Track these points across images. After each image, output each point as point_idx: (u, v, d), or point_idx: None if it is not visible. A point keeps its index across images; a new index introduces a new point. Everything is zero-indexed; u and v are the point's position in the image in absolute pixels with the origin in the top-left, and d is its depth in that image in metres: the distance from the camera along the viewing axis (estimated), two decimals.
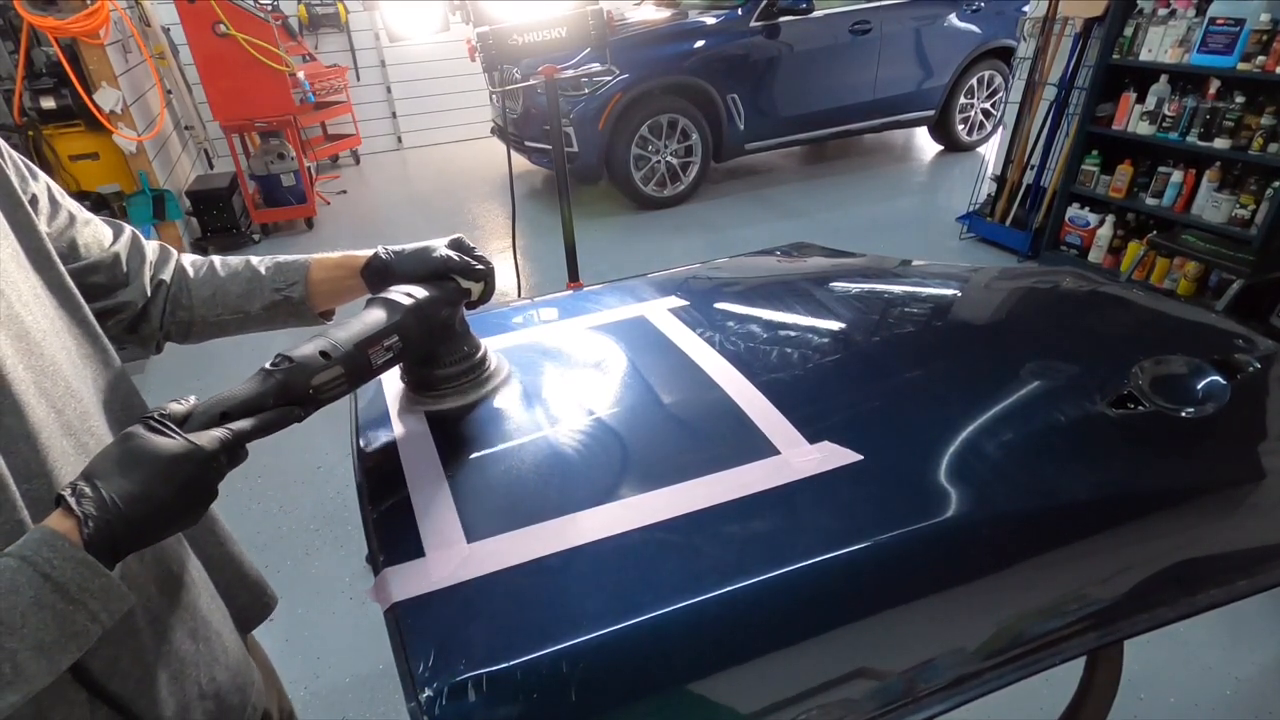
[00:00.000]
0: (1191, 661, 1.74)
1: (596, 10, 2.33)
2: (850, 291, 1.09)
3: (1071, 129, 3.64)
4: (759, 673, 0.57)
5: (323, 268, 0.83)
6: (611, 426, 0.81)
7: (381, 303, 0.74)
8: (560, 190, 2.61)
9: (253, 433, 0.59)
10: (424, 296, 0.76)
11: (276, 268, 0.83)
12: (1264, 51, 2.82)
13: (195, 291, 0.81)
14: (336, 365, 0.66)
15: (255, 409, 0.60)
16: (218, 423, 0.57)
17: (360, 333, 0.69)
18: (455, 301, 0.80)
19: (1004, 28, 5.31)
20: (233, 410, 0.59)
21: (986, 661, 0.61)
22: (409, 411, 0.85)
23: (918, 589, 0.62)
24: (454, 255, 0.80)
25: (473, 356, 0.85)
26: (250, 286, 0.82)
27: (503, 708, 0.52)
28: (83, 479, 0.50)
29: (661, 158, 4.80)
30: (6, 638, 0.44)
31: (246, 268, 0.83)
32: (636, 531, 0.65)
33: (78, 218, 0.72)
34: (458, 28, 6.67)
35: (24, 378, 0.55)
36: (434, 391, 0.85)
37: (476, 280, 0.81)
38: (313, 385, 0.64)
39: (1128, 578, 0.68)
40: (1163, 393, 0.81)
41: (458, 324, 0.83)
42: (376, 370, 0.71)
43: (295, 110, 4.60)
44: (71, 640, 0.48)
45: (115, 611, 0.50)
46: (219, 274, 0.82)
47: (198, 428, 0.56)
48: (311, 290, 0.83)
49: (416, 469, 0.74)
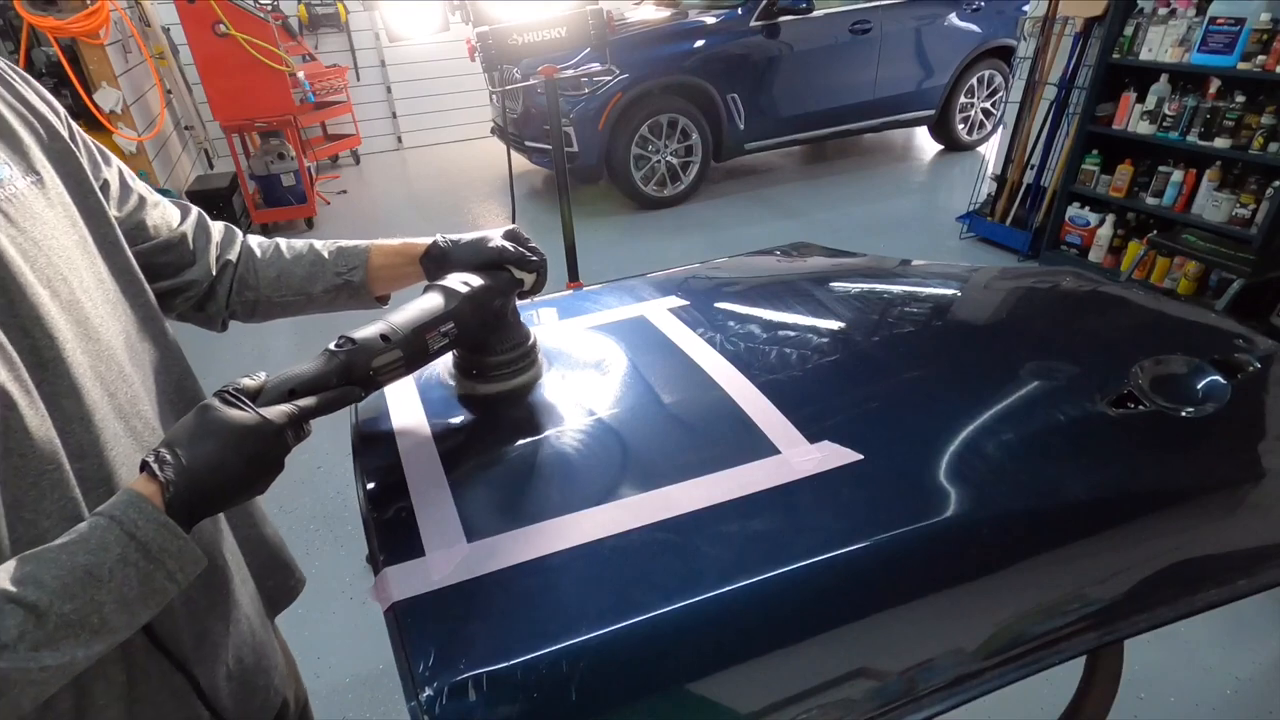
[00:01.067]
0: (1191, 661, 1.74)
1: (596, 10, 2.34)
2: (850, 291, 1.09)
3: (1071, 128, 3.64)
4: (759, 672, 0.57)
5: (382, 254, 0.85)
6: (611, 426, 0.81)
7: (439, 290, 0.76)
8: (560, 190, 2.61)
9: (316, 410, 0.61)
10: (479, 285, 0.78)
11: (339, 252, 0.85)
12: (1264, 51, 2.82)
13: (262, 272, 0.83)
14: (396, 348, 0.68)
15: (319, 387, 0.63)
16: (286, 399, 0.60)
17: (418, 318, 0.72)
18: (508, 291, 0.82)
19: (1004, 27, 5.31)
20: (299, 388, 0.61)
21: (986, 661, 0.61)
22: (459, 396, 0.87)
23: (918, 588, 0.62)
24: (509, 246, 0.82)
25: (523, 345, 0.87)
26: (313, 269, 0.84)
27: (503, 707, 0.52)
28: (164, 446, 0.54)
29: (661, 157, 4.80)
30: (96, 590, 0.48)
31: (310, 251, 0.85)
32: (637, 531, 0.65)
33: (147, 200, 0.75)
34: (458, 28, 6.67)
35: (82, 362, 0.58)
36: (485, 377, 0.86)
37: (530, 271, 0.82)
38: (373, 367, 0.67)
39: (1128, 577, 0.68)
40: (1163, 392, 0.81)
41: (510, 313, 0.84)
42: (433, 355, 0.73)
43: (295, 110, 4.60)
44: (151, 596, 0.51)
45: (190, 572, 0.53)
46: (284, 256, 0.84)
47: (267, 403, 0.59)
48: (371, 275, 0.85)
49: (416, 469, 0.74)
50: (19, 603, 0.45)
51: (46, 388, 0.55)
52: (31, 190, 0.58)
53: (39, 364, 0.54)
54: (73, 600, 0.47)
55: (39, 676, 0.46)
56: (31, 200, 0.58)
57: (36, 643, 0.45)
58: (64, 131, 0.66)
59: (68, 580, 0.47)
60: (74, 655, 0.47)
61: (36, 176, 0.60)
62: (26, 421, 0.52)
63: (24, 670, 0.45)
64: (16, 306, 0.53)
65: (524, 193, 5.56)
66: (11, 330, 0.53)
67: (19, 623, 0.45)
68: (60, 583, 0.47)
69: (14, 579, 0.46)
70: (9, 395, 0.51)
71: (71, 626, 0.47)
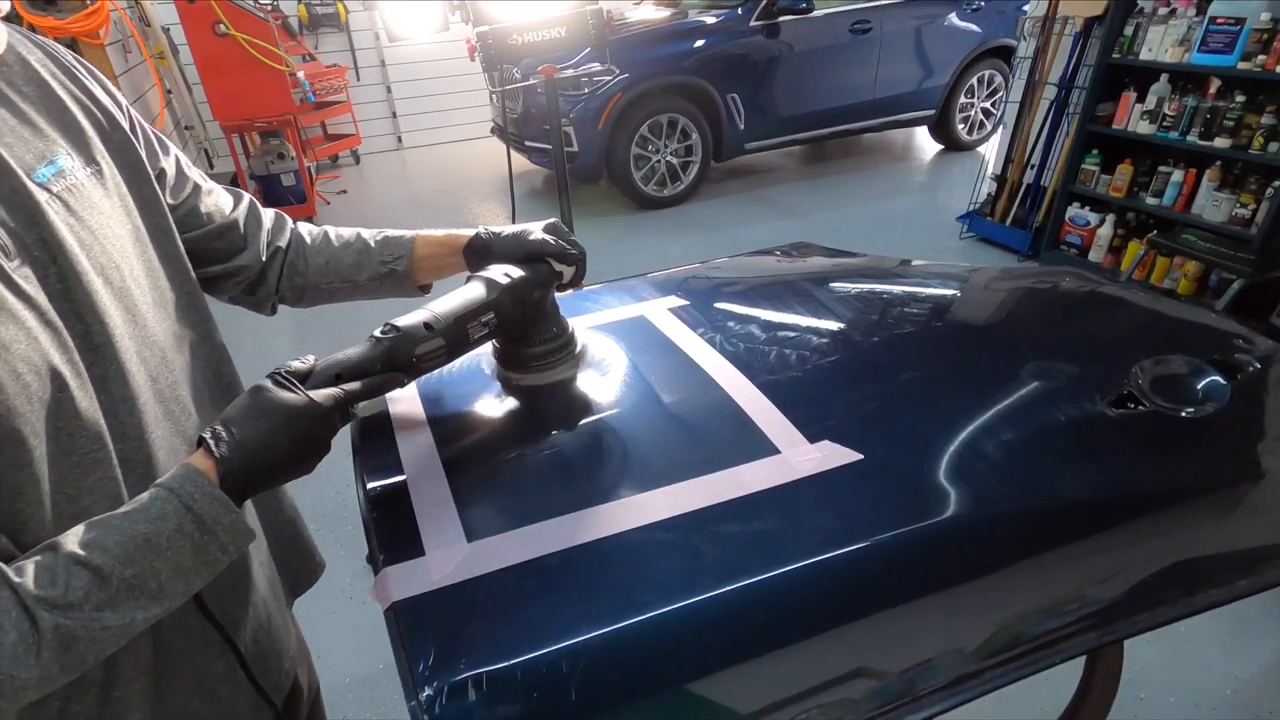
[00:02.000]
0: (1192, 661, 1.74)
1: (596, 10, 2.34)
2: (850, 291, 1.09)
3: (1072, 128, 3.63)
4: (759, 672, 0.57)
5: (427, 244, 0.87)
6: (611, 426, 0.81)
7: (481, 280, 0.78)
8: (560, 190, 2.61)
9: (361, 394, 0.64)
10: (519, 277, 0.79)
11: (385, 241, 0.87)
12: (1264, 50, 2.82)
13: (311, 259, 0.86)
14: (438, 337, 0.70)
15: (365, 372, 0.65)
16: (333, 383, 0.63)
17: (461, 307, 0.74)
18: (548, 283, 0.83)
19: (1004, 27, 5.31)
20: (345, 372, 0.64)
21: (986, 661, 0.61)
22: (497, 386, 0.88)
23: (918, 588, 0.62)
24: (549, 239, 0.83)
25: (560, 337, 0.88)
26: (360, 258, 0.86)
27: (503, 707, 0.52)
28: (220, 424, 0.56)
29: (661, 157, 4.80)
30: (155, 557, 0.51)
31: (358, 240, 0.87)
32: (637, 531, 0.65)
33: (202, 187, 0.78)
34: (457, 28, 6.67)
35: (129, 347, 0.61)
36: (523, 368, 0.87)
37: (569, 264, 0.84)
38: (416, 354, 0.69)
39: (1127, 577, 0.68)
40: (1163, 393, 0.81)
41: (549, 305, 0.86)
42: (473, 344, 0.75)
43: (295, 110, 4.60)
44: (204, 566, 0.54)
45: (240, 545, 0.56)
46: (333, 244, 0.87)
47: (316, 386, 0.62)
48: (415, 265, 0.87)
49: (416, 468, 0.74)
50: (85, 565, 0.48)
51: (96, 370, 0.57)
52: (90, 180, 0.61)
53: (90, 348, 0.57)
54: (133, 565, 0.50)
55: (101, 635, 0.49)
56: (90, 190, 0.60)
57: (100, 603, 0.48)
58: (125, 123, 0.68)
59: (129, 547, 0.50)
60: (133, 617, 0.50)
61: (96, 167, 0.62)
62: (77, 402, 0.54)
63: (88, 628, 0.48)
64: (72, 292, 0.56)
65: (524, 193, 5.56)
66: (66, 315, 0.55)
67: (85, 584, 0.48)
68: (122, 549, 0.50)
69: (81, 543, 0.49)
70: (62, 376, 0.53)
71: (131, 590, 0.50)
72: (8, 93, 0.58)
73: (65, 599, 0.47)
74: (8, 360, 0.49)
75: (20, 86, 0.59)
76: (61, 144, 0.60)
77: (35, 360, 0.51)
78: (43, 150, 0.58)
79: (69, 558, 0.48)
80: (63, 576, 0.47)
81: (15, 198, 0.54)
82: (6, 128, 0.56)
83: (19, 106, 0.58)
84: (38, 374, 0.51)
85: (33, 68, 0.61)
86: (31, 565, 0.48)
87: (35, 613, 0.46)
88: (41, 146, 0.58)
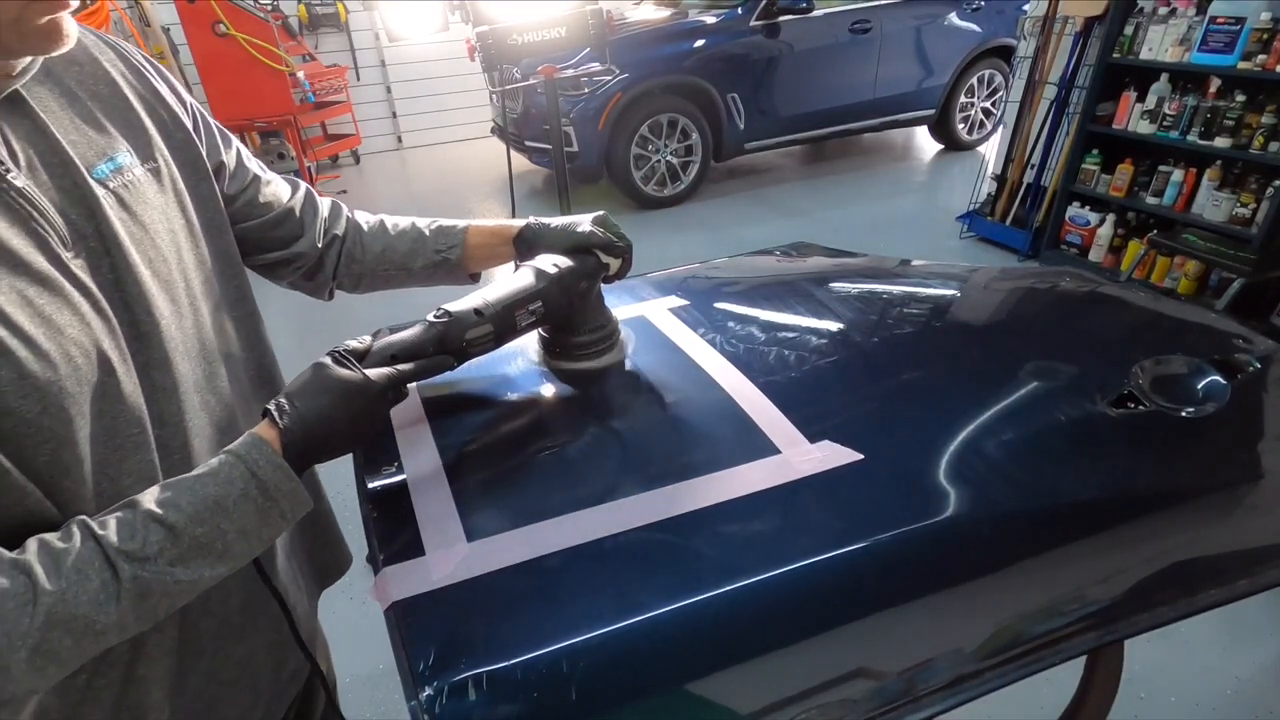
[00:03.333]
0: (1192, 661, 1.74)
1: (596, 10, 2.34)
2: (850, 291, 1.09)
3: (1072, 128, 3.63)
4: (759, 672, 0.57)
5: (479, 234, 0.90)
6: (612, 425, 0.81)
7: (530, 269, 0.80)
8: (560, 190, 2.61)
9: (413, 375, 0.67)
10: (567, 267, 0.81)
11: (439, 230, 0.90)
12: (1264, 50, 2.82)
13: (368, 247, 0.89)
14: (488, 323, 0.73)
15: (418, 354, 0.68)
16: (388, 363, 0.66)
17: (510, 295, 0.76)
18: (594, 275, 0.85)
19: (1004, 27, 5.30)
20: (400, 354, 0.67)
21: (986, 661, 0.61)
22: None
23: (918, 588, 0.62)
24: (597, 231, 0.85)
25: (605, 328, 0.90)
26: (415, 246, 0.89)
27: (503, 706, 0.52)
28: (284, 397, 0.60)
29: (661, 157, 4.80)
30: (222, 518, 0.54)
31: (413, 228, 0.90)
32: (637, 530, 0.65)
33: (261, 178, 0.81)
34: (457, 27, 6.67)
35: (175, 337, 0.63)
36: (567, 356, 0.89)
37: (616, 256, 0.86)
38: (466, 338, 0.71)
39: (1127, 577, 0.68)
40: (1163, 392, 0.81)
41: (594, 297, 0.87)
42: (520, 331, 0.77)
43: (295, 110, 4.61)
44: (265, 529, 0.57)
45: (299, 512, 0.59)
46: (389, 232, 0.90)
47: (372, 365, 0.65)
48: (466, 254, 0.90)
49: (416, 468, 0.74)
50: (161, 522, 0.52)
51: (140, 358, 0.60)
52: (147, 177, 0.64)
53: (136, 336, 0.60)
54: (203, 525, 0.53)
55: (173, 589, 0.52)
56: (145, 187, 0.63)
57: (173, 559, 0.52)
58: (188, 121, 0.71)
59: (200, 507, 0.54)
60: (201, 574, 0.54)
61: (154, 164, 0.65)
62: (122, 387, 0.57)
63: (161, 581, 0.51)
64: (123, 283, 0.59)
65: (524, 193, 5.56)
66: (116, 304, 0.58)
67: (160, 539, 0.52)
68: (194, 509, 0.53)
69: (157, 501, 0.53)
70: (110, 361, 0.56)
71: (201, 548, 0.53)
72: (77, 92, 0.61)
73: (143, 552, 0.51)
74: (61, 343, 0.52)
75: (90, 86, 0.63)
76: (123, 142, 0.63)
77: (86, 344, 0.54)
78: (104, 147, 0.61)
79: (146, 514, 0.52)
80: (140, 531, 0.51)
81: (77, 191, 0.57)
82: (73, 125, 0.60)
83: (87, 105, 0.62)
84: (88, 357, 0.54)
85: (104, 68, 0.65)
86: (113, 520, 0.51)
87: (116, 563, 0.49)
88: (104, 144, 0.61)
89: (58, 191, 0.56)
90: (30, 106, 0.57)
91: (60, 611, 0.47)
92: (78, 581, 0.48)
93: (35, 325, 0.51)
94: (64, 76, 0.61)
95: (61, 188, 0.56)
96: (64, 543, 0.50)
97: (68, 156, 0.57)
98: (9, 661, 0.46)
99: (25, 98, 0.56)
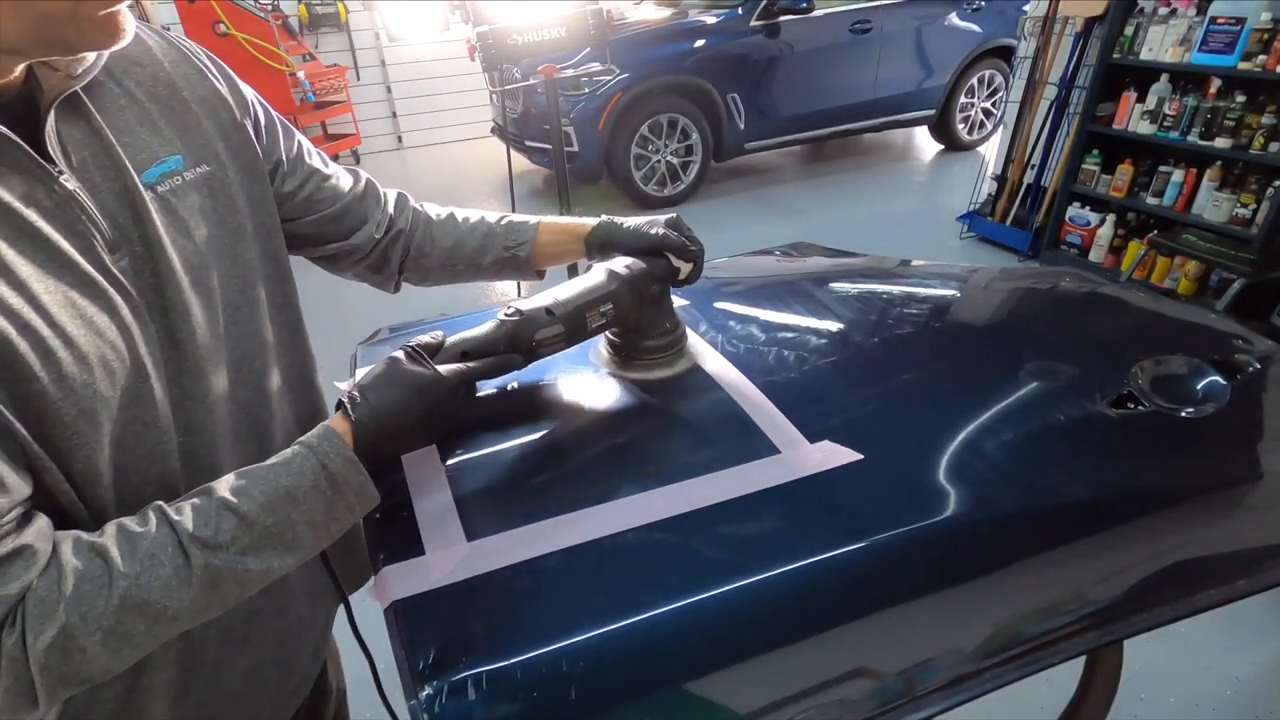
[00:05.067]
0: (1191, 661, 1.74)
1: (596, 10, 2.33)
2: (850, 291, 1.09)
3: (1072, 128, 3.63)
4: (758, 671, 0.57)
5: (550, 231, 0.89)
6: (612, 425, 0.81)
7: (603, 270, 0.79)
8: (560, 190, 2.61)
9: (484, 372, 0.67)
10: (640, 269, 0.80)
11: (509, 226, 0.89)
12: (1265, 50, 2.82)
13: (438, 241, 0.87)
14: (558, 323, 0.72)
15: (488, 352, 0.68)
16: (459, 359, 0.66)
17: (581, 295, 0.75)
18: (666, 278, 0.83)
19: (1004, 27, 5.30)
20: (471, 350, 0.67)
21: (986, 661, 0.61)
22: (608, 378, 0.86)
23: (917, 588, 0.62)
24: (671, 234, 0.83)
25: (673, 333, 0.87)
26: (486, 241, 0.88)
27: (503, 706, 0.52)
28: (357, 390, 0.60)
29: (661, 157, 4.80)
30: (293, 509, 0.55)
31: (483, 223, 0.89)
32: (637, 530, 0.65)
33: (321, 171, 0.80)
34: (457, 27, 6.67)
35: (210, 345, 0.62)
36: (634, 361, 0.87)
37: (688, 260, 0.84)
38: (536, 338, 0.71)
39: (1127, 577, 0.68)
40: (1162, 393, 0.81)
41: (665, 300, 0.86)
42: (591, 332, 0.76)
43: (295, 110, 4.61)
44: (334, 523, 0.57)
45: (366, 506, 0.59)
46: (460, 226, 0.88)
47: (444, 361, 0.65)
48: (536, 251, 0.88)
49: (416, 467, 0.74)
50: (234, 511, 0.52)
51: (173, 365, 0.59)
52: (198, 181, 0.63)
53: (171, 343, 0.59)
54: (274, 514, 0.54)
55: (244, 577, 0.53)
56: (193, 191, 0.62)
57: (244, 547, 0.52)
58: (248, 123, 0.70)
59: (272, 497, 0.54)
60: (269, 564, 0.54)
61: (208, 168, 0.64)
62: (155, 394, 0.57)
63: (232, 569, 0.52)
64: (164, 288, 0.58)
65: (524, 192, 5.56)
66: (154, 309, 0.58)
67: (232, 527, 0.52)
68: (266, 498, 0.54)
69: (231, 489, 0.53)
70: (145, 367, 0.56)
71: (270, 538, 0.54)
72: (135, 93, 0.60)
73: (215, 539, 0.51)
74: (99, 346, 0.52)
75: (149, 87, 0.62)
76: (177, 144, 0.62)
77: (122, 349, 0.54)
78: (157, 150, 0.60)
79: (220, 502, 0.52)
80: (213, 519, 0.52)
81: (126, 195, 0.56)
82: (128, 127, 0.59)
83: (144, 106, 0.61)
84: (123, 362, 0.54)
85: (165, 69, 0.63)
86: (189, 506, 0.52)
87: (189, 550, 0.50)
88: (157, 146, 0.60)
89: (108, 194, 0.56)
90: (88, 108, 0.56)
91: (134, 595, 0.48)
92: (151, 566, 0.49)
93: (77, 327, 0.51)
94: (124, 77, 0.60)
95: (112, 190, 0.56)
96: (141, 527, 0.50)
97: (120, 159, 0.56)
98: (85, 643, 0.47)
99: (84, 99, 0.56)
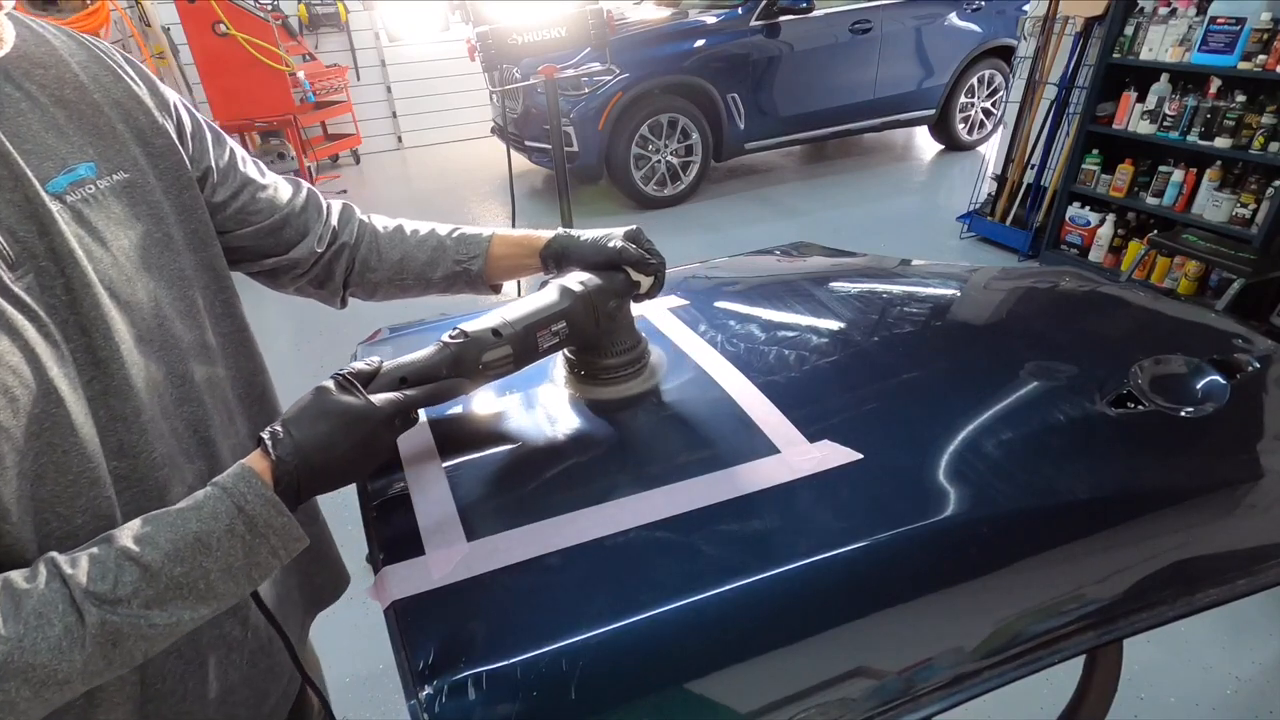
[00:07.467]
0: (1191, 661, 1.74)
1: (596, 10, 2.33)
2: (850, 291, 1.09)
3: (1072, 128, 3.63)
4: (758, 671, 0.57)
5: (504, 244, 0.85)
6: (611, 425, 0.81)
7: (555, 287, 0.76)
8: (560, 190, 2.61)
9: (424, 400, 0.63)
10: (595, 285, 0.77)
11: (461, 239, 0.85)
12: (1265, 50, 2.81)
13: (385, 254, 0.84)
14: (506, 344, 0.69)
15: (430, 377, 0.64)
16: (397, 387, 0.62)
17: (532, 314, 0.72)
18: (624, 293, 0.80)
19: (1004, 27, 5.30)
20: (410, 376, 0.63)
21: (986, 661, 0.61)
22: (571, 399, 0.84)
23: (917, 587, 0.62)
24: (629, 246, 0.80)
25: (633, 350, 0.84)
26: (435, 255, 0.84)
27: (503, 705, 0.52)
28: (279, 424, 0.56)
29: (661, 157, 4.80)
30: (204, 557, 0.50)
31: (432, 236, 0.85)
32: (636, 530, 0.65)
33: (257, 181, 0.76)
34: (457, 28, 6.67)
35: (137, 362, 0.58)
36: (594, 380, 0.84)
37: (647, 274, 0.81)
38: (483, 361, 0.67)
39: (1127, 577, 0.68)
40: (1162, 392, 0.81)
41: (623, 316, 0.82)
42: (543, 353, 0.73)
43: (295, 110, 4.61)
44: (254, 569, 0.53)
45: (292, 550, 0.55)
46: (408, 240, 0.85)
47: (380, 389, 0.61)
48: (489, 265, 0.85)
49: (416, 467, 0.74)
50: (136, 561, 0.48)
51: (97, 385, 0.55)
52: (114, 188, 0.59)
53: (93, 362, 0.55)
54: (183, 564, 0.49)
55: (149, 633, 0.48)
56: (109, 199, 0.59)
57: (148, 600, 0.48)
58: (170, 126, 0.66)
59: (180, 545, 0.49)
60: (180, 616, 0.50)
61: (125, 175, 0.60)
62: (72, 418, 0.53)
63: (135, 625, 0.47)
64: (79, 304, 0.54)
65: (524, 192, 5.56)
66: (70, 328, 0.54)
67: (134, 580, 0.47)
68: (173, 546, 0.49)
69: (134, 538, 0.49)
70: (57, 392, 0.52)
71: (180, 589, 0.49)
72: (38, 96, 0.57)
73: (114, 593, 0.47)
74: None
75: (55, 90, 0.58)
76: (89, 150, 0.58)
77: (26, 374, 0.50)
78: (64, 157, 0.56)
79: (121, 552, 0.48)
80: (112, 571, 0.47)
81: (28, 207, 0.53)
82: (30, 134, 0.55)
83: (49, 110, 0.57)
84: (28, 388, 0.50)
85: (72, 70, 0.60)
86: (85, 557, 0.48)
87: (83, 607, 0.46)
88: (64, 153, 0.56)
89: (6, 207, 0.51)
90: None
91: (17, 660, 0.43)
92: (38, 627, 0.44)
93: None
94: (24, 80, 0.56)
95: (11, 202, 0.52)
96: (28, 583, 0.46)
97: (19, 168, 0.52)
98: None
99: None
